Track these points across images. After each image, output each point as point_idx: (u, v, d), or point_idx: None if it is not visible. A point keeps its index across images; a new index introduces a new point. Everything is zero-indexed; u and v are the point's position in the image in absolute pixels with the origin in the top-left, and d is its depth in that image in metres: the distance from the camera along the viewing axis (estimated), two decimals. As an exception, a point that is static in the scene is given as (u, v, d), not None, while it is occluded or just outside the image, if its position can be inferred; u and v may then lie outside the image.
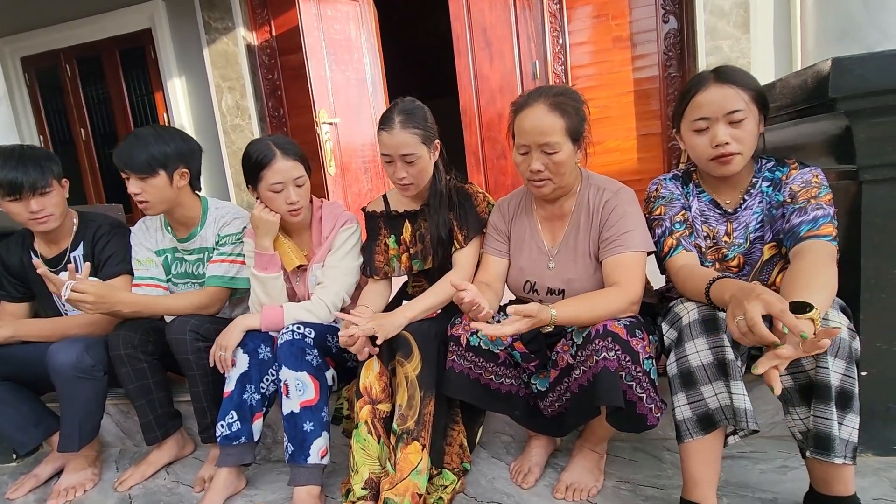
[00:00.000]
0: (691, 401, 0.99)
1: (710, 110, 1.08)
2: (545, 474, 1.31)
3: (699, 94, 1.09)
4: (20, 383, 1.51)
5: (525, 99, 1.18)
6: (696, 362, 0.97)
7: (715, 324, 0.97)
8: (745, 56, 2.95)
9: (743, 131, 1.07)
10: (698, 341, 0.98)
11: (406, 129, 1.30)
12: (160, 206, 1.43)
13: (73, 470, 1.49)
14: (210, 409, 1.40)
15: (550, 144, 1.13)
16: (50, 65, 4.21)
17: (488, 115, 3.47)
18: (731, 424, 0.97)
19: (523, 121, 1.15)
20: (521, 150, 1.18)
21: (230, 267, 1.48)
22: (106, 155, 4.32)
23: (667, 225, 1.18)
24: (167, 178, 1.40)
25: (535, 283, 1.28)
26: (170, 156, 1.40)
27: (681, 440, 1.01)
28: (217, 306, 1.50)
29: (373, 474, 1.20)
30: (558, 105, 1.13)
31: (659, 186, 1.24)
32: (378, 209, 1.50)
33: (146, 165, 1.36)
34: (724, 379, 0.95)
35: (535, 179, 1.17)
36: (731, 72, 1.09)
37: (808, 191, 1.07)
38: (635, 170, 3.28)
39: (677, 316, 1.04)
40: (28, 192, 1.39)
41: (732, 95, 1.06)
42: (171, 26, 3.83)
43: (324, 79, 3.19)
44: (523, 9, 3.30)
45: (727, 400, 0.95)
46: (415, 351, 1.23)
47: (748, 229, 1.15)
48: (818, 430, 0.93)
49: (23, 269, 1.57)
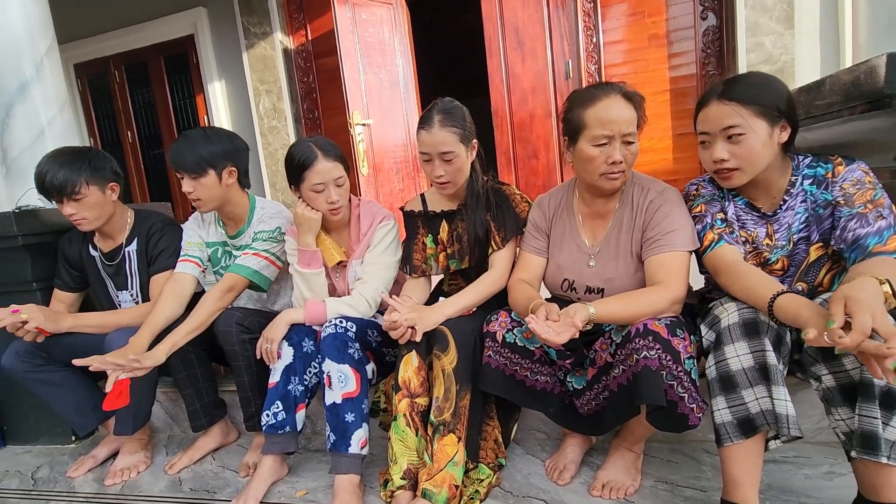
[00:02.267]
0: (731, 405, 0.97)
1: (709, 126, 1.08)
2: (580, 472, 1.31)
3: (703, 110, 1.09)
4: (79, 370, 1.61)
5: (598, 90, 1.15)
6: (737, 366, 0.96)
7: (756, 327, 0.96)
8: (788, 52, 2.85)
9: (742, 147, 1.04)
10: (738, 345, 0.97)
11: (445, 127, 1.32)
12: (211, 204, 1.50)
13: (128, 452, 1.59)
14: (254, 399, 1.47)
15: (632, 134, 1.14)
16: (100, 71, 4.43)
17: (520, 115, 3.47)
18: (772, 430, 0.95)
19: (605, 111, 1.12)
20: (600, 142, 1.13)
21: (258, 261, 1.52)
22: (151, 156, 4.52)
23: (707, 220, 1.15)
24: (216, 177, 1.47)
25: (574, 282, 1.28)
26: (217, 155, 1.47)
27: (720, 444, 1.00)
28: (231, 295, 1.49)
29: (411, 465, 1.23)
30: (629, 97, 1.14)
31: (699, 186, 1.22)
32: (416, 208, 1.53)
33: (196, 165, 1.44)
34: (765, 383, 0.94)
35: (614, 172, 1.15)
36: (736, 86, 1.05)
37: (863, 192, 1.02)
38: (671, 170, 3.21)
39: (716, 318, 1.02)
40: (58, 197, 1.48)
41: (729, 113, 1.04)
42: (213, 32, 3.98)
43: (357, 81, 3.26)
44: (556, 7, 3.29)
45: (768, 405, 0.94)
46: (451, 345, 1.25)
47: (791, 230, 1.11)
48: (864, 428, 0.90)
49: (80, 261, 1.67)
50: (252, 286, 1.53)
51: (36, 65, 1.84)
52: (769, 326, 0.97)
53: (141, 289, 1.66)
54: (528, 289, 1.26)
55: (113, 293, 1.69)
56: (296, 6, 3.80)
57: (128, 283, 1.66)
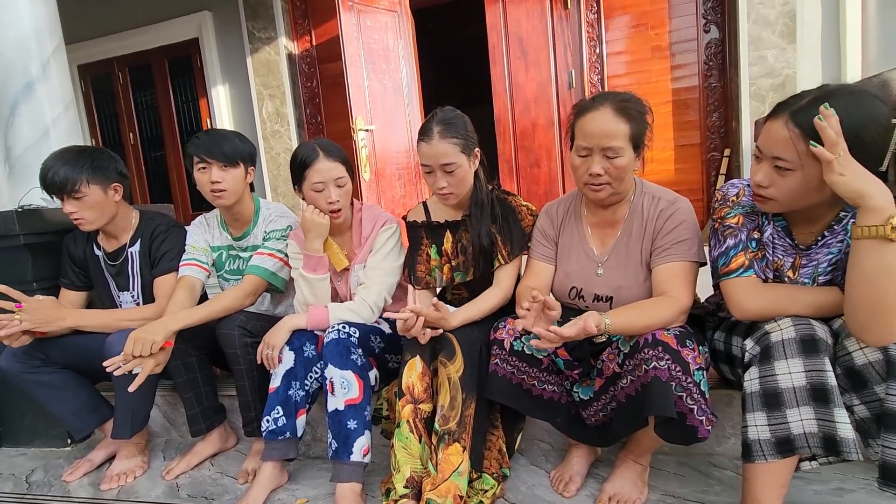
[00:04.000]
0: (772, 422, 0.94)
1: (763, 143, 0.97)
2: (586, 484, 1.29)
3: (770, 120, 0.97)
4: (78, 372, 1.59)
5: (590, 102, 1.15)
6: (787, 384, 0.92)
7: (815, 345, 0.91)
8: (790, 66, 2.88)
9: (786, 182, 0.94)
10: (792, 361, 0.91)
11: (445, 139, 1.31)
12: (234, 197, 1.53)
13: (125, 457, 1.56)
14: (255, 404, 1.45)
15: (614, 149, 1.11)
16: (104, 72, 4.44)
17: (522, 124, 3.48)
18: (816, 452, 0.92)
19: (588, 123, 1.13)
20: (581, 153, 1.15)
21: (273, 262, 1.53)
22: (152, 158, 4.51)
23: (742, 238, 1.06)
24: (244, 171, 1.54)
25: (582, 290, 1.27)
26: (245, 153, 1.53)
27: (751, 460, 0.96)
28: (252, 298, 1.50)
29: (414, 473, 1.21)
30: (624, 110, 1.11)
31: (741, 192, 1.09)
32: (419, 218, 1.51)
33: (232, 155, 1.49)
34: (816, 405, 0.90)
35: (594, 183, 1.15)
36: (810, 110, 0.90)
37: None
38: (673, 181, 3.23)
39: (766, 332, 0.96)
40: (59, 194, 1.49)
41: (785, 141, 0.92)
42: (217, 36, 4.00)
43: (361, 87, 3.27)
44: (560, 18, 3.32)
45: (814, 427, 0.90)
46: (458, 352, 1.24)
47: (817, 269, 1.02)
48: (885, 460, 0.88)
49: (85, 261, 1.66)
50: (269, 287, 1.54)
51: (43, 64, 1.84)
52: (828, 345, 0.92)
53: (142, 290, 1.64)
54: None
55: (115, 294, 1.68)
56: (301, 12, 3.83)
57: (129, 283, 1.65)
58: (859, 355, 0.92)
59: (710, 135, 3.19)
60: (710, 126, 3.18)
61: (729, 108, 3.11)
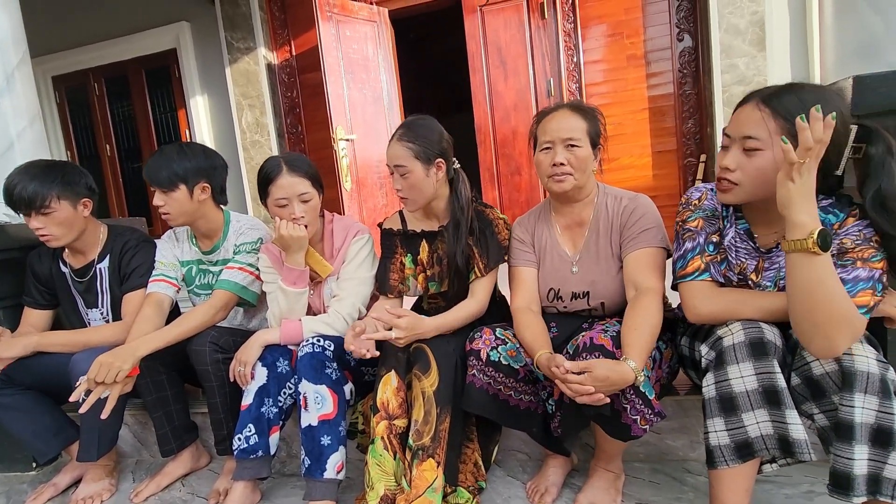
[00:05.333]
0: (730, 427, 0.94)
1: (732, 128, 0.98)
2: (562, 494, 1.28)
3: (739, 108, 0.99)
4: (42, 392, 1.54)
5: (548, 109, 1.28)
6: (740, 388, 0.92)
7: (763, 348, 0.91)
8: (760, 74, 2.95)
9: (752, 162, 0.95)
10: (743, 365, 0.92)
11: (401, 141, 1.33)
12: (181, 218, 1.48)
13: (92, 480, 1.51)
14: (227, 421, 1.41)
15: (574, 139, 1.21)
16: (79, 83, 4.37)
17: (503, 131, 3.50)
18: (774, 454, 0.93)
19: (548, 122, 1.24)
20: (544, 147, 1.24)
21: (244, 276, 1.49)
22: (130, 170, 4.44)
23: (700, 241, 1.07)
24: (188, 193, 1.45)
25: (560, 290, 1.30)
26: (190, 171, 1.45)
27: (713, 466, 0.97)
28: (223, 313, 1.47)
29: (388, 490, 1.19)
30: (580, 109, 1.25)
31: (704, 196, 1.12)
32: (395, 227, 1.51)
33: (167, 180, 1.42)
34: (769, 407, 0.91)
35: (558, 174, 1.22)
36: (783, 94, 0.94)
37: (862, 250, 0.91)
38: (650, 186, 3.27)
39: (719, 337, 0.97)
40: (26, 210, 1.44)
41: (757, 120, 0.94)
42: (196, 46, 3.96)
43: (341, 96, 3.26)
44: (538, 27, 3.36)
45: (769, 429, 0.91)
46: (433, 366, 1.23)
47: (779, 273, 1.01)
48: (835, 467, 0.89)
49: (51, 278, 1.61)
50: (241, 302, 1.50)
51: (7, 76, 1.80)
52: (776, 347, 0.93)
53: (112, 307, 1.60)
54: (532, 323, 1.23)
55: (83, 311, 1.63)
56: (280, 22, 3.82)
57: (98, 300, 1.61)
58: (816, 366, 0.93)
59: (686, 141, 3.24)
60: (686, 132, 3.24)
61: (703, 114, 3.17)
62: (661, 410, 1.04)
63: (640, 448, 1.38)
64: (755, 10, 2.90)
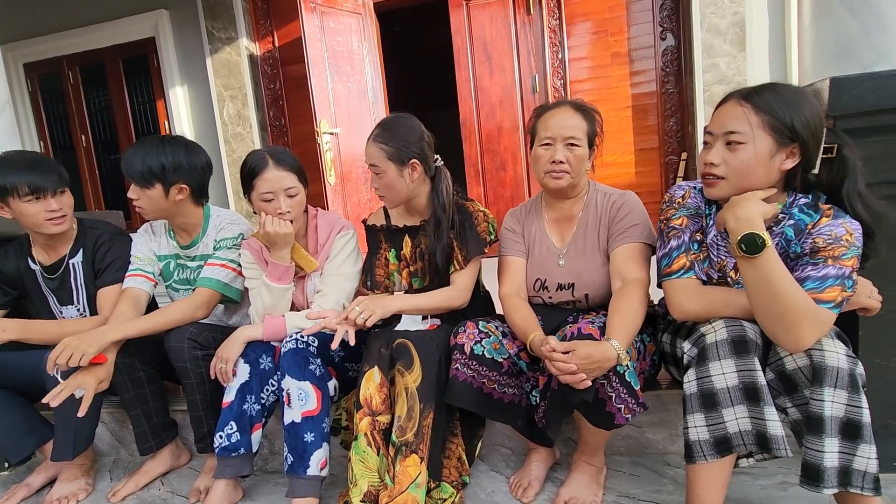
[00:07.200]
0: (710, 423, 0.96)
1: (715, 125, 1.01)
2: (545, 488, 1.30)
3: (720, 107, 1.03)
4: (14, 391, 1.50)
5: (550, 104, 1.30)
6: (721, 384, 0.94)
7: (745, 345, 0.93)
8: (741, 73, 3.00)
9: (736, 156, 0.98)
10: (725, 362, 0.94)
11: (375, 142, 1.34)
12: (154, 214, 1.45)
13: (67, 479, 1.47)
14: (207, 419, 1.39)
15: (574, 139, 1.23)
16: (53, 71, 4.22)
17: (488, 127, 3.50)
18: (752, 450, 0.95)
19: (550, 119, 1.25)
20: (544, 142, 1.25)
21: (226, 273, 1.47)
22: (107, 161, 4.32)
23: (685, 240, 1.09)
24: (163, 191, 1.40)
25: (546, 280, 1.33)
26: (168, 170, 1.39)
27: (692, 460, 0.98)
28: (204, 311, 1.44)
29: (372, 487, 1.19)
30: (581, 109, 1.27)
31: (687, 194, 1.13)
32: (378, 223, 1.50)
33: (141, 176, 1.38)
34: (749, 404, 0.93)
35: (556, 171, 1.24)
36: (762, 92, 0.98)
37: (833, 249, 0.93)
38: (633, 184, 3.31)
39: (702, 334, 0.98)
40: (49, 193, 1.41)
41: (739, 116, 0.97)
42: (175, 35, 3.86)
43: (325, 89, 3.22)
44: (523, 24, 3.36)
45: (748, 425, 0.94)
46: (416, 362, 1.22)
47: None
48: (806, 460, 0.92)
49: (19, 275, 1.56)
50: (223, 299, 1.48)
51: (-26, 64, 1.73)
52: (757, 345, 0.95)
53: (88, 302, 1.56)
54: (521, 307, 1.27)
55: (56, 308, 1.58)
56: (262, 12, 3.74)
57: (73, 297, 1.56)
58: (789, 360, 0.96)
59: (668, 139, 3.29)
60: (668, 130, 3.28)
61: (685, 113, 3.22)
62: (643, 401, 1.06)
63: (621, 442, 1.41)
64: (736, 11, 2.95)
